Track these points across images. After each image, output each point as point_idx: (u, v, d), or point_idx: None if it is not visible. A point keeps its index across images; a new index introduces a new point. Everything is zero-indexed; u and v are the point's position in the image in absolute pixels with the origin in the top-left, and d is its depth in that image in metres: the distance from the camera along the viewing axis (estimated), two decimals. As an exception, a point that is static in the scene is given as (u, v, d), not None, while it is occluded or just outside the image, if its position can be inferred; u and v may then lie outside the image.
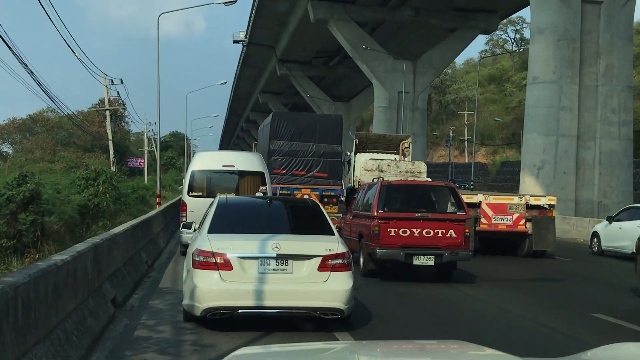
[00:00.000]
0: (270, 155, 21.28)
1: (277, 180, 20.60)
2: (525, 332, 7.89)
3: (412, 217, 11.43)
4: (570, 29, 23.67)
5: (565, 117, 24.12)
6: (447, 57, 39.33)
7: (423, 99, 38.94)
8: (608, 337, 7.23)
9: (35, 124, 75.30)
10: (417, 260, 11.24)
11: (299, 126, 21.68)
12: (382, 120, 38.02)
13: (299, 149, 21.37)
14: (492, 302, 9.92)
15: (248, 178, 14.39)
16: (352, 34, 37.76)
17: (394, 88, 37.81)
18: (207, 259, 6.88)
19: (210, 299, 6.83)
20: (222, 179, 14.50)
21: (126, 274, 9.36)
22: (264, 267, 6.89)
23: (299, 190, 20.58)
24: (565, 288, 11.83)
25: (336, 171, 21.77)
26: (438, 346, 3.26)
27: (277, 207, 8.74)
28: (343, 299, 7.01)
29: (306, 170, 21.39)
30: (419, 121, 38.37)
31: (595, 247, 18.05)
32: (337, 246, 7.16)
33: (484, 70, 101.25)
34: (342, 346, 3.96)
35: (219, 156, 15.95)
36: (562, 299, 10.52)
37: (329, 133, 21.72)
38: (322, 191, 20.83)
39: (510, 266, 14.60)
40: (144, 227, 12.26)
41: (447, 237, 11.38)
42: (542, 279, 12.89)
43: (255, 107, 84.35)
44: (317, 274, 6.98)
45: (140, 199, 26.05)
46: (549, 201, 16.47)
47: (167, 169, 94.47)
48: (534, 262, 15.45)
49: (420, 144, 38.84)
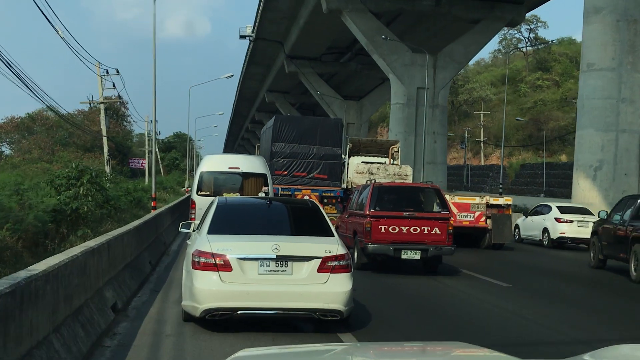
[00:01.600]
0: (273, 157, 21.89)
1: (278, 181, 21.15)
2: (492, 317, 9.30)
3: (400, 216, 12.60)
4: (631, 7, 20.63)
5: (626, 110, 21.25)
6: (470, 50, 36.50)
7: (444, 96, 36.12)
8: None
9: (34, 123, 73.17)
10: (405, 255, 12.41)
11: (300, 129, 22.38)
12: (400, 118, 35.25)
13: (300, 151, 22.04)
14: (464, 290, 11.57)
15: (252, 179, 15.47)
16: (367, 26, 35.02)
17: (412, 84, 35.03)
18: (207, 260, 6.84)
19: (210, 300, 6.80)
20: (228, 180, 15.60)
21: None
22: (263, 269, 6.88)
23: (299, 191, 21.22)
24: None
25: (336, 173, 22.40)
26: (438, 348, 3.28)
27: (277, 208, 8.74)
28: (343, 301, 7.03)
29: (307, 171, 22.06)
30: (439, 119, 35.59)
31: (517, 236, 22.95)
32: (336, 248, 7.17)
33: (496, 70, 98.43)
34: (342, 348, 3.86)
35: (225, 159, 17.01)
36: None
37: (329, 136, 22.45)
38: (322, 192, 21.63)
39: (473, 256, 16.87)
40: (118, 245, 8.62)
41: (432, 234, 12.53)
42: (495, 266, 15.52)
43: (261, 107, 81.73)
44: (317, 275, 6.98)
45: (135, 202, 23.33)
46: (506, 201, 19.58)
47: (170, 170, 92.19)
48: (492, 252, 18.42)
49: (441, 144, 36.05)
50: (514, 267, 15.87)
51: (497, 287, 11.94)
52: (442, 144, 36.04)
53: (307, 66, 52.98)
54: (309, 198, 20.42)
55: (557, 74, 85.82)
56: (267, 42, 51.45)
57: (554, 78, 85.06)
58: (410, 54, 35.18)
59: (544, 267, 16.14)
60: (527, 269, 15.70)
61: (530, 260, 17.60)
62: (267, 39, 50.87)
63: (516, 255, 18.53)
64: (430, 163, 34.79)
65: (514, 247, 20.50)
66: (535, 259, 18.05)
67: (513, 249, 19.87)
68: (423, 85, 35.03)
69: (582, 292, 12.32)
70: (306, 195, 20.88)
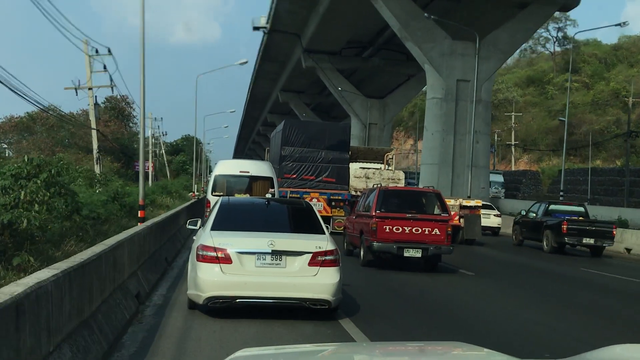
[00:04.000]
0: (282, 160, 22.34)
1: (287, 184, 21.76)
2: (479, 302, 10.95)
3: (404, 217, 13.51)
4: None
5: None
6: (516, 38, 31.99)
7: (487, 90, 31.63)
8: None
9: (34, 122, 69.48)
10: (407, 253, 13.35)
11: (309, 133, 22.83)
12: (437, 115, 30.76)
13: (309, 155, 22.47)
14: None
15: (260, 182, 17.11)
16: (401, 9, 30.62)
17: (451, 75, 30.59)
18: (210, 254, 7.55)
19: (212, 289, 7.50)
20: (238, 182, 17.29)
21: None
22: (260, 262, 7.62)
23: (308, 194, 21.38)
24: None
25: (344, 176, 22.86)
26: (437, 348, 3.29)
27: (274, 208, 9.36)
28: (331, 291, 7.71)
29: (315, 175, 22.47)
30: (482, 116, 31.08)
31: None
32: (326, 244, 7.86)
33: (520, 72, 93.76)
34: (341, 347, 3.71)
35: (236, 163, 18.76)
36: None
37: (337, 140, 22.93)
38: (330, 195, 22.19)
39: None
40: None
41: (432, 235, 13.42)
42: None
43: (274, 108, 77.50)
44: (308, 268, 7.68)
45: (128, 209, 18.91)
46: (477, 203, 22.48)
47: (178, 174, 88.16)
48: (466, 247, 20.75)
49: (484, 144, 31.54)
50: (479, 258, 18.58)
51: (464, 275, 14.08)
52: (485, 145, 31.56)
53: (325, 61, 48.73)
54: (317, 201, 21.36)
55: (586, 75, 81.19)
56: (282, 34, 47.35)
57: (584, 80, 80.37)
58: (450, 41, 30.77)
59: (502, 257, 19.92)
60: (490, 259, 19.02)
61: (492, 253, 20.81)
62: (283, 30, 46.75)
63: (483, 249, 21.34)
64: (472, 166, 30.32)
65: (484, 243, 23.15)
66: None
67: (483, 244, 22.48)
68: (464, 77, 30.56)
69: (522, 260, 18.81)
70: (314, 198, 21.53)
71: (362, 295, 9.99)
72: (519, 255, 20.50)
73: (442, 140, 30.33)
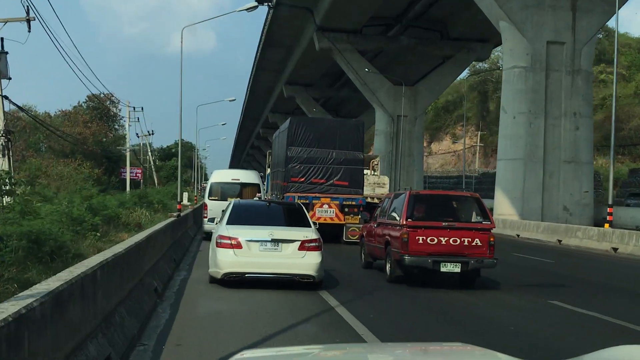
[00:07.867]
0: (288, 162, 20.93)
1: (294, 189, 20.60)
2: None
3: (439, 226, 12.07)
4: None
5: None
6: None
7: (588, 55, 23.13)
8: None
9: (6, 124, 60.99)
10: (445, 268, 11.85)
11: (318, 132, 21.27)
12: (521, 90, 22.21)
13: (318, 156, 20.92)
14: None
15: (248, 187, 21.19)
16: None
17: (540, 36, 22.07)
18: (226, 241, 10.66)
19: (228, 266, 10.61)
20: (231, 188, 21.32)
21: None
22: (263, 247, 10.69)
23: (318, 200, 20.33)
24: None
25: (357, 179, 21.18)
26: (441, 348, 3.26)
27: (274, 207, 13.02)
28: (314, 269, 10.60)
29: (326, 178, 20.87)
30: (581, 92, 22.61)
31: None
32: (311, 234, 10.88)
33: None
34: (345, 349, 3.66)
35: (229, 173, 23.52)
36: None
37: (350, 139, 21.24)
38: (343, 200, 20.61)
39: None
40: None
41: (472, 246, 11.99)
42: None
43: (276, 106, 69.23)
44: (298, 252, 10.66)
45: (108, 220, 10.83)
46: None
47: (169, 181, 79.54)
48: None
49: (586, 131, 23.01)
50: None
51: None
52: (588, 132, 23.00)
53: (344, 41, 40.49)
54: (328, 207, 20.47)
55: (622, 66, 73.17)
56: (291, 9, 39.12)
57: (620, 71, 72.36)
58: (536, -10, 22.28)
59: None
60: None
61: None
62: (292, 4, 38.50)
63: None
64: (570, 162, 21.87)
65: None
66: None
67: None
68: (557, 38, 22.07)
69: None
70: (325, 204, 20.38)
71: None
72: None
73: (528, 126, 21.83)
